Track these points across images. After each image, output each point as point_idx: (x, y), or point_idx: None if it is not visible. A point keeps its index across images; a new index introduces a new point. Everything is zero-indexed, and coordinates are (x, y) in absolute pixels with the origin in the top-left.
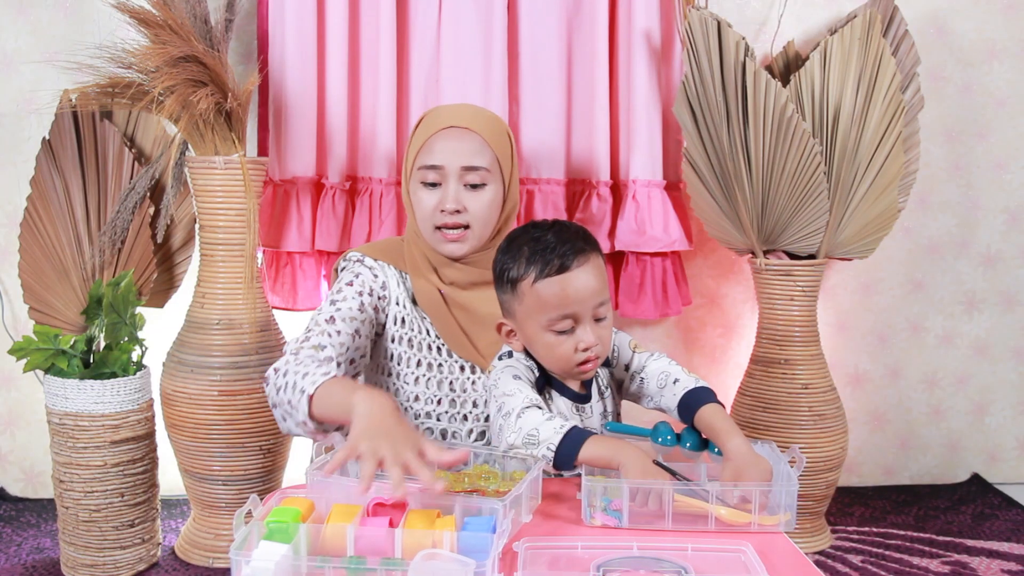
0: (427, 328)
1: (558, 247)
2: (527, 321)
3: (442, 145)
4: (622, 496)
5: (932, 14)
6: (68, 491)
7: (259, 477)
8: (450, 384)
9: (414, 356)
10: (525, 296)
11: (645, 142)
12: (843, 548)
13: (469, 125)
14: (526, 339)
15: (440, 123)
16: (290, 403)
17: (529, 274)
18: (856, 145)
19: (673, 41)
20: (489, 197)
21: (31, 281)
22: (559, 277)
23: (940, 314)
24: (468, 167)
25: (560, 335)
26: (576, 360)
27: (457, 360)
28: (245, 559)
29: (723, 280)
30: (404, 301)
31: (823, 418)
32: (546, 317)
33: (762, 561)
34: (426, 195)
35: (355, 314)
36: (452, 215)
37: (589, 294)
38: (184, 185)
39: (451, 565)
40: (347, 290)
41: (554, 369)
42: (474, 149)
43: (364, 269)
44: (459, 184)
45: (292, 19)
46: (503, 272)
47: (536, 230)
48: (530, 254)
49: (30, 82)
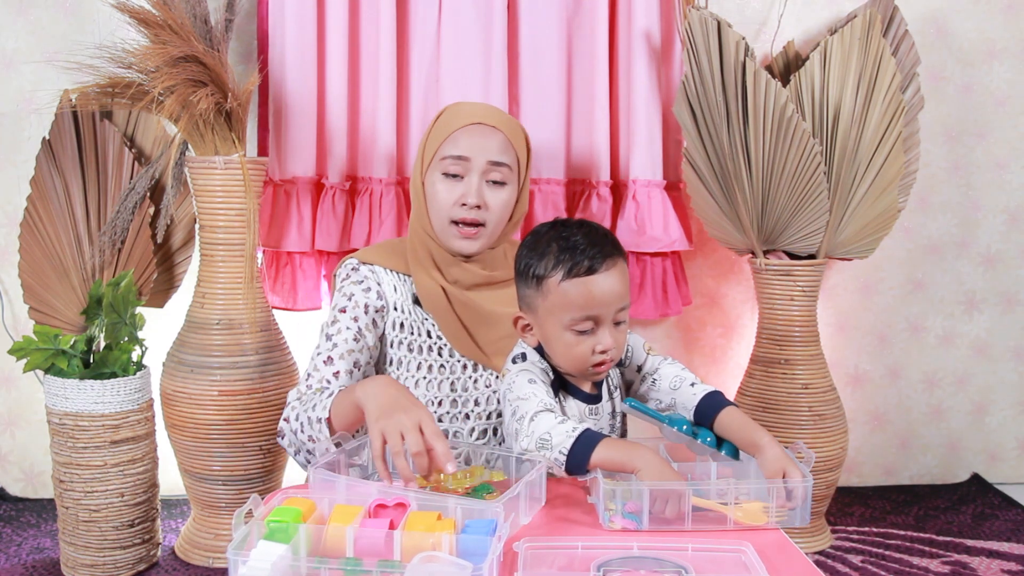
0: (428, 329)
1: (588, 249)
2: (548, 318)
3: (469, 139)
4: (642, 500)
5: (932, 14)
6: (68, 491)
7: (259, 477)
8: (451, 384)
9: (414, 360)
10: (550, 294)
11: (645, 142)
12: (843, 548)
13: (496, 124)
14: (544, 336)
15: (467, 118)
16: (311, 439)
17: (556, 272)
18: (856, 145)
19: (673, 41)
20: (507, 197)
21: (31, 281)
22: (586, 279)
23: (940, 314)
24: (494, 162)
25: (580, 335)
26: (592, 361)
27: (459, 359)
28: (242, 559)
29: (723, 280)
30: (403, 304)
31: (823, 418)
32: (569, 317)
33: (762, 561)
34: (445, 187)
35: (351, 346)
36: (473, 210)
37: (614, 298)
38: (184, 185)
39: (448, 568)
40: (341, 319)
41: (568, 368)
42: (501, 146)
43: (356, 288)
44: (481, 180)
45: (292, 19)
46: (528, 267)
47: (565, 229)
48: (559, 252)
49: (30, 82)
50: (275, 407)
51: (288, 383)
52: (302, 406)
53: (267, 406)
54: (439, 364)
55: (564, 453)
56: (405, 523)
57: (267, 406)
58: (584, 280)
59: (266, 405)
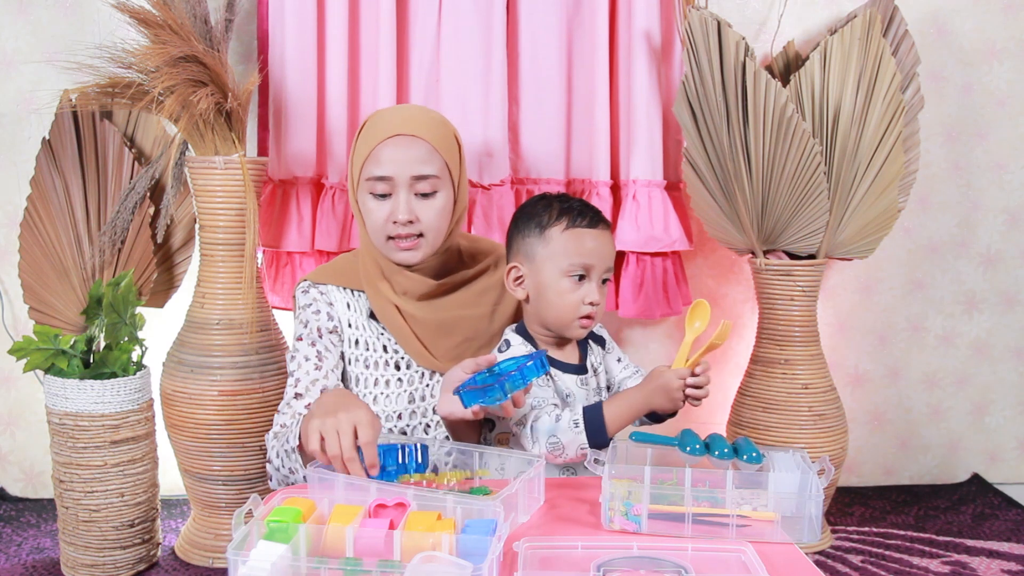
0: (383, 344)
1: (586, 210)
2: (547, 263)
3: (390, 154)
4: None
5: (932, 14)
6: (68, 491)
7: (259, 477)
8: (409, 396)
9: (371, 375)
10: (553, 240)
11: (645, 142)
12: (843, 548)
13: (415, 132)
14: (537, 284)
15: (386, 131)
16: (291, 471)
17: (562, 221)
18: (856, 145)
19: (673, 41)
20: (440, 204)
21: (31, 281)
22: (588, 231)
23: (940, 314)
24: (418, 176)
25: (574, 283)
26: (580, 312)
27: (417, 369)
28: (242, 559)
29: (723, 280)
30: (357, 321)
31: (823, 418)
32: (568, 262)
33: (762, 561)
34: (376, 206)
35: (314, 375)
36: (404, 226)
37: (607, 254)
38: (184, 185)
39: (448, 568)
40: (300, 349)
41: (556, 318)
42: (422, 157)
43: (307, 312)
44: (409, 193)
45: (292, 19)
46: (531, 217)
47: (559, 198)
48: (562, 208)
49: (30, 82)
50: (275, 407)
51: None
52: (279, 442)
53: (267, 406)
54: (396, 378)
55: (585, 448)
56: (405, 523)
57: (267, 406)
58: (587, 231)
59: (266, 405)
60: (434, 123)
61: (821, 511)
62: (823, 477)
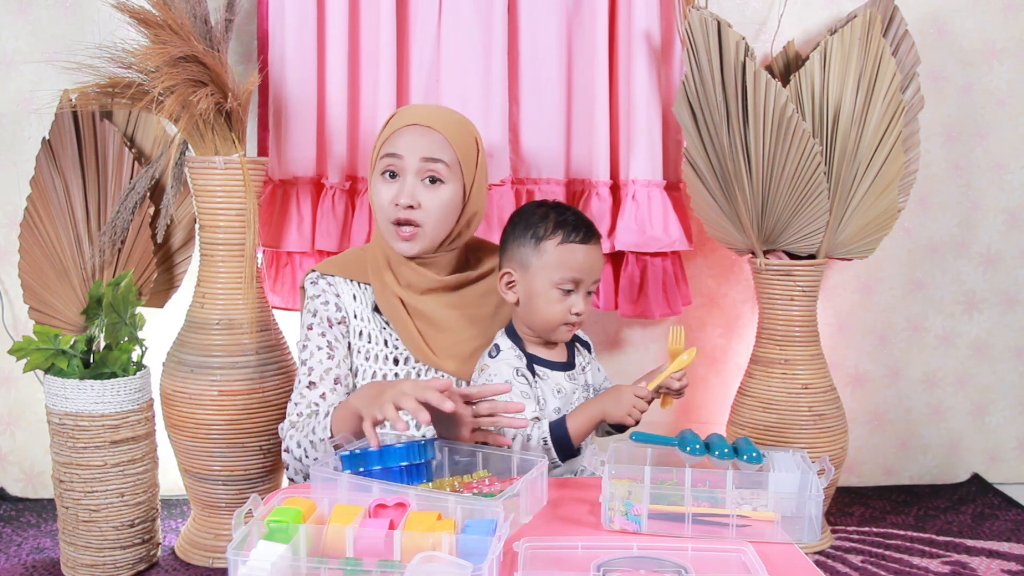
0: (385, 338)
1: (580, 225)
2: (539, 273)
3: (405, 138)
4: (642, 501)
5: (932, 14)
6: (68, 491)
7: (259, 477)
8: None
9: (369, 368)
10: (547, 253)
11: (645, 142)
12: (843, 548)
13: (433, 124)
14: (528, 290)
15: (406, 120)
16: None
17: (557, 235)
18: (856, 145)
19: (673, 41)
20: (446, 196)
21: (31, 281)
22: (580, 246)
23: (940, 314)
24: (427, 158)
25: (562, 295)
26: (566, 320)
27: (414, 365)
28: (242, 559)
29: (723, 280)
30: (363, 313)
31: (823, 418)
32: (560, 276)
33: (762, 561)
34: (384, 188)
35: (327, 364)
36: (406, 209)
37: (596, 268)
38: (184, 185)
39: (448, 568)
40: (310, 339)
41: (543, 323)
42: (435, 144)
43: (316, 302)
44: (417, 179)
45: (292, 19)
46: (528, 227)
47: (555, 208)
48: (558, 220)
49: (30, 82)
50: (275, 407)
51: (288, 383)
52: (300, 433)
53: (267, 406)
54: (393, 373)
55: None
56: (405, 523)
57: (267, 406)
58: (580, 247)
59: (266, 405)
60: (455, 121)
61: (821, 511)
62: (823, 477)
